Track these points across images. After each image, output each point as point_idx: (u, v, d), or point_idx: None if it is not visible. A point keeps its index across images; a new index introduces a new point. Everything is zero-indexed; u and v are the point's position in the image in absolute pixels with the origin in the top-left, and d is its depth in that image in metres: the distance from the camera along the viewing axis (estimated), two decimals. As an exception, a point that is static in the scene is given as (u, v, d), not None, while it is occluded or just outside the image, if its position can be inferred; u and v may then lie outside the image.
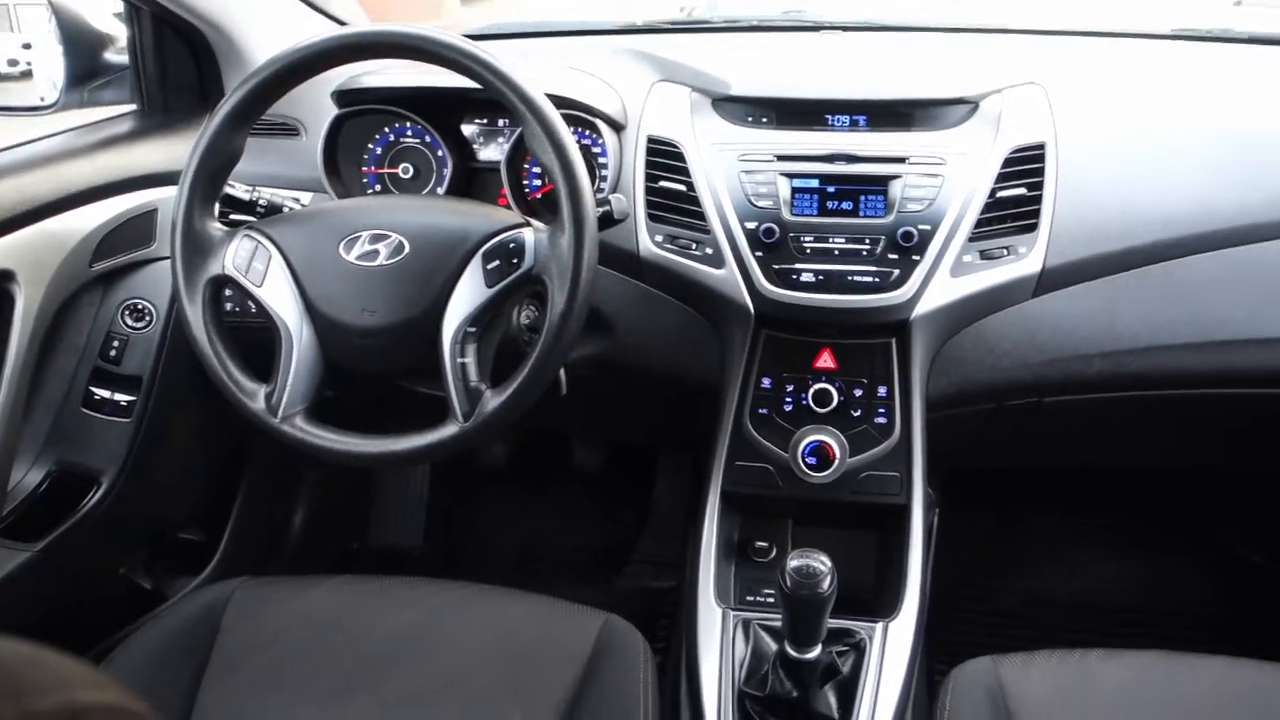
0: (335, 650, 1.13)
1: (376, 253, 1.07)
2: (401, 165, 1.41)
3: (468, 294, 1.05)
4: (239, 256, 1.09)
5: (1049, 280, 1.23)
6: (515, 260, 1.05)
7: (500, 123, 1.41)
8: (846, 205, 1.23)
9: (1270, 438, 1.42)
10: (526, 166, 1.38)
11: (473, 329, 1.05)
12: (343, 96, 1.35)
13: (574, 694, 1.07)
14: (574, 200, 1.02)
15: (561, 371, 1.23)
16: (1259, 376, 1.24)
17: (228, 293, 1.19)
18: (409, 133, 1.41)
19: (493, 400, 1.04)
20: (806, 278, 1.21)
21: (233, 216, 1.22)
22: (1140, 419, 1.34)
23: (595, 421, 1.67)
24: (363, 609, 1.18)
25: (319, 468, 1.90)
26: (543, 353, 1.03)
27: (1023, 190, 1.23)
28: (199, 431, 1.56)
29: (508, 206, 1.34)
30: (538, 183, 1.39)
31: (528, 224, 1.08)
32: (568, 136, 1.04)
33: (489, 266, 1.05)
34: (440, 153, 1.40)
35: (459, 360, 1.04)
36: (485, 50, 1.04)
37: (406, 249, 1.06)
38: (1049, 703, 1.06)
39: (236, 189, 1.23)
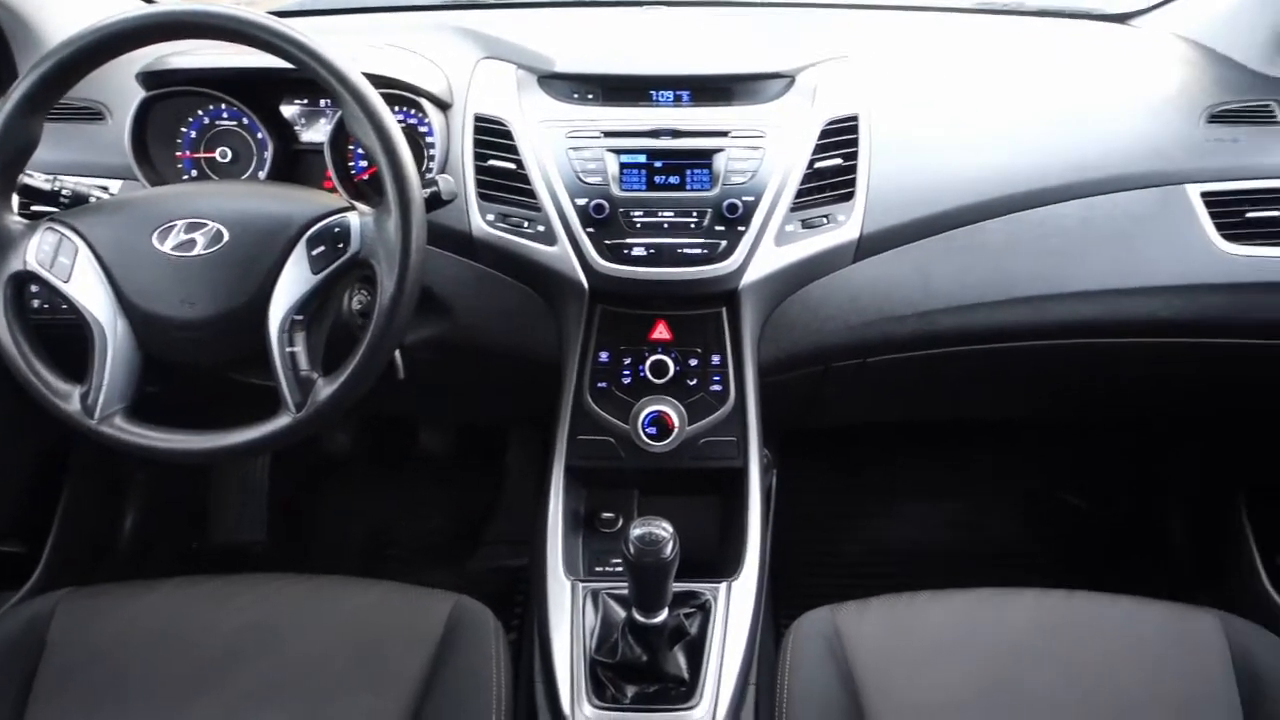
0: (172, 656, 1.09)
1: (193, 242, 1.03)
2: (219, 149, 1.35)
3: (293, 281, 1.02)
4: (42, 251, 1.03)
5: (867, 246, 1.29)
6: (341, 245, 1.03)
7: (322, 103, 1.38)
8: (674, 180, 1.26)
9: (1069, 387, 1.54)
10: (351, 148, 1.35)
11: (300, 317, 1.02)
12: (149, 78, 1.29)
13: (425, 677, 1.07)
14: (398, 182, 1.01)
15: (398, 355, 1.22)
16: (1058, 329, 1.33)
17: (34, 289, 1.12)
18: (225, 115, 1.35)
19: (325, 389, 1.03)
20: (638, 252, 1.24)
21: (34, 208, 1.15)
22: (955, 374, 1.43)
23: (438, 404, 1.66)
24: (200, 611, 1.14)
25: (150, 465, 1.81)
26: (374, 338, 1.01)
27: (839, 160, 1.28)
28: (9, 435, 1.47)
29: (333, 190, 1.31)
30: (364, 164, 1.36)
31: (353, 207, 1.06)
32: (388, 117, 1.02)
33: (314, 252, 1.02)
34: (260, 135, 1.35)
35: (288, 349, 1.02)
36: (296, 29, 1.01)
37: (226, 237, 1.03)
38: (881, 645, 1.13)
39: (35, 179, 1.15)
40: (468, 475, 2.04)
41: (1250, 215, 1.32)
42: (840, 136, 1.29)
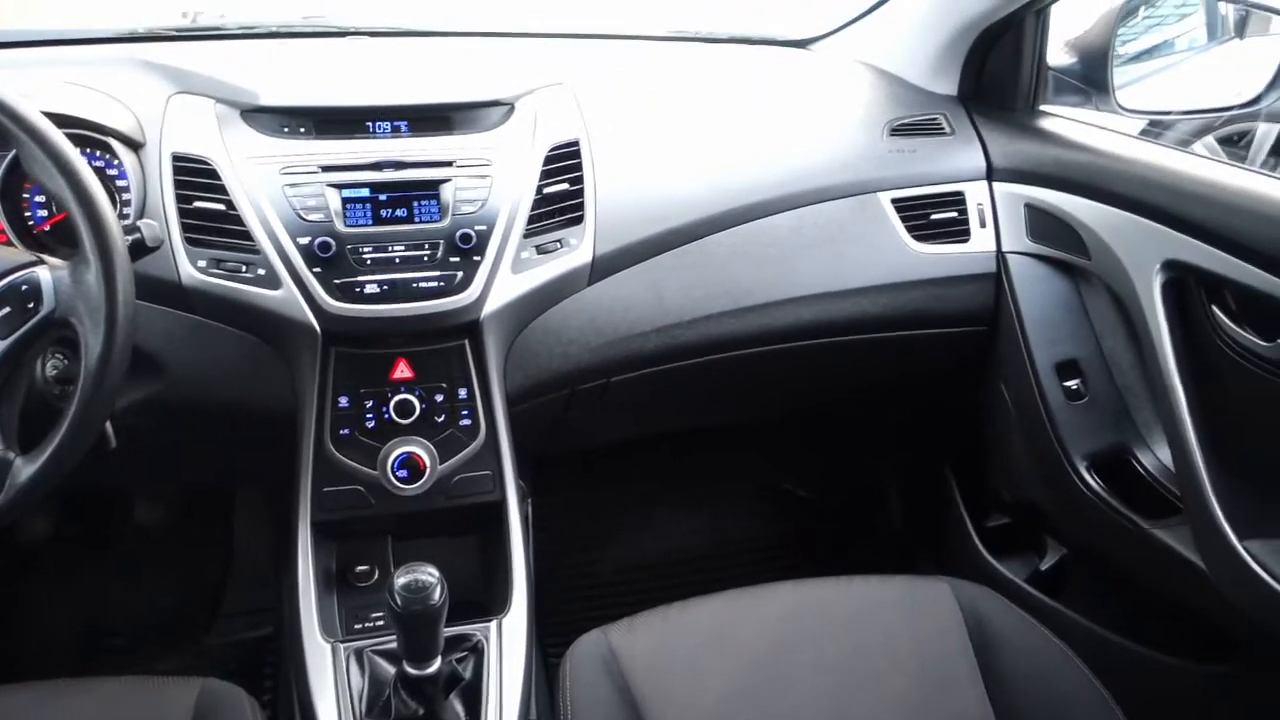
0: None
1: None
2: None
3: None
4: None
5: (601, 267, 1.31)
6: (31, 305, 0.91)
7: (-15, 149, 1.21)
8: (401, 212, 1.22)
9: (800, 385, 1.65)
10: (26, 196, 1.20)
11: None
12: None
13: None
14: (96, 228, 0.91)
15: (108, 423, 1.09)
16: (784, 333, 1.42)
17: None
18: None
19: (26, 468, 0.90)
20: (370, 289, 1.19)
21: None
22: (698, 384, 1.48)
23: (156, 472, 1.50)
24: None
25: None
26: (81, 406, 0.90)
27: (566, 185, 1.30)
28: None
29: (8, 244, 1.16)
30: (43, 213, 1.21)
31: (40, 261, 0.94)
32: (76, 157, 0.92)
33: None
34: None
35: None
36: None
37: None
38: (655, 657, 1.15)
39: None
40: (192, 546, 1.86)
41: (933, 217, 1.47)
42: (565, 162, 1.30)
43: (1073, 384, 1.46)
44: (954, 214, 1.48)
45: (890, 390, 1.73)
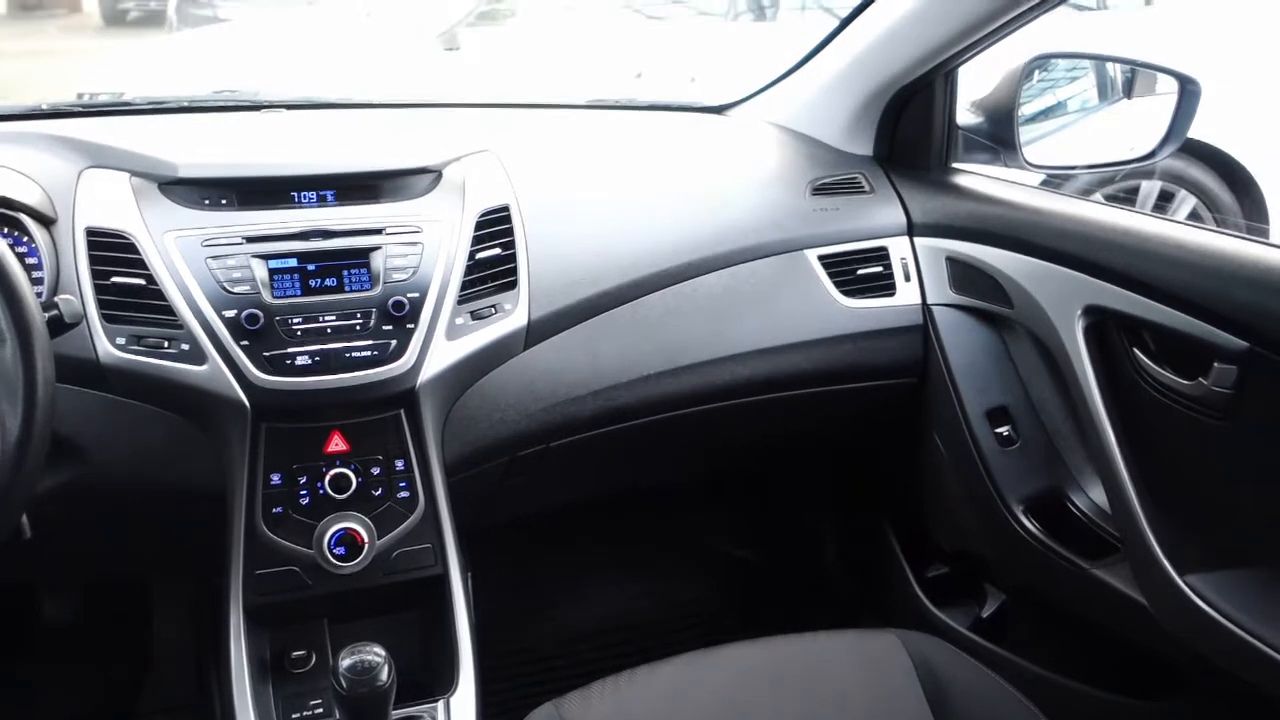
0: None
1: None
2: None
3: None
4: None
5: (536, 331, 1.30)
6: None
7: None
8: (330, 282, 1.20)
9: (738, 444, 1.65)
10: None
11: None
12: None
13: None
14: (12, 304, 0.86)
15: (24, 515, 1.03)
16: (723, 391, 1.42)
17: None
18: None
19: None
20: (301, 360, 1.15)
21: None
22: (638, 447, 1.47)
23: (74, 564, 1.42)
24: None
25: None
26: None
27: (498, 250, 1.29)
28: None
29: None
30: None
31: None
32: None
33: None
34: None
35: None
36: None
37: None
38: None
39: None
40: (103, 643, 1.75)
41: (860, 272, 1.50)
42: (495, 227, 1.30)
43: (1004, 430, 1.49)
44: (879, 269, 1.52)
45: (826, 444, 1.74)
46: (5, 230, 1.14)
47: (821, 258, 1.49)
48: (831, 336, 1.47)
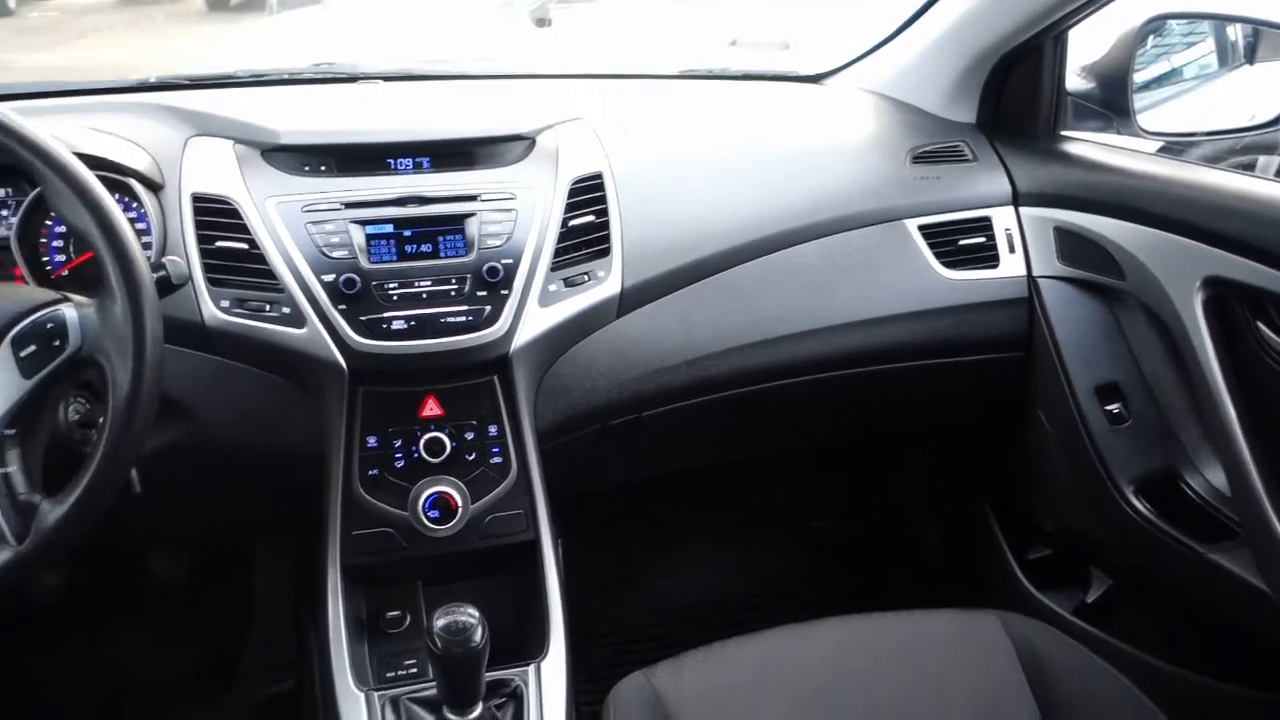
0: None
1: None
2: None
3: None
4: None
5: (629, 299, 1.29)
6: (57, 342, 0.88)
7: (2, 192, 1.20)
8: (426, 248, 1.20)
9: (831, 418, 1.61)
10: (44, 240, 1.18)
11: (11, 431, 0.87)
12: None
13: None
14: (123, 262, 0.88)
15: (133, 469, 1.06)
16: (816, 363, 1.39)
17: None
18: None
19: (52, 512, 0.87)
20: (397, 325, 1.16)
21: None
22: (729, 418, 1.45)
23: (176, 523, 1.46)
24: None
25: None
26: (110, 447, 0.87)
27: (591, 218, 1.28)
28: None
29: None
30: (62, 257, 1.19)
31: (65, 299, 0.91)
32: (103, 193, 0.90)
33: (23, 354, 0.87)
34: None
35: None
36: None
37: None
38: (703, 699, 1.10)
39: None
40: (210, 601, 1.81)
41: (961, 243, 1.45)
42: (588, 194, 1.29)
43: (1114, 407, 1.42)
44: (982, 239, 1.46)
45: (924, 420, 1.70)
46: (116, 196, 1.17)
47: (921, 228, 1.44)
48: (931, 309, 1.42)
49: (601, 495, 1.76)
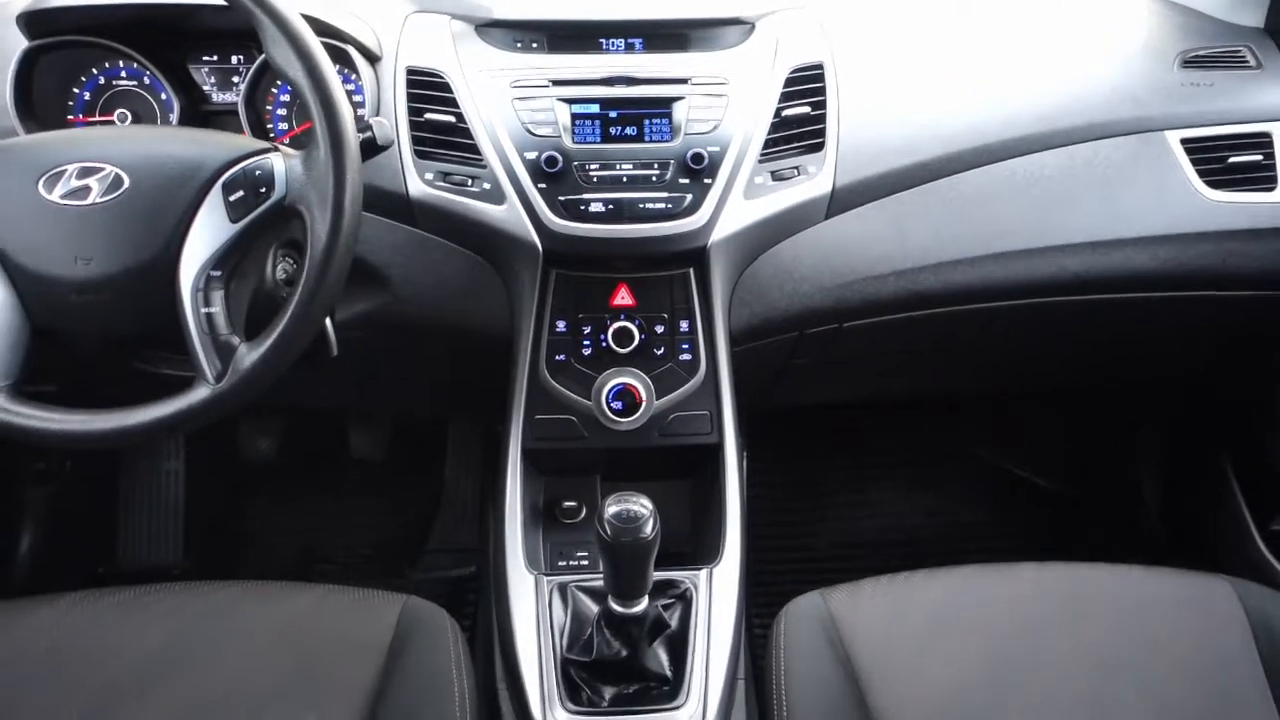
0: (76, 677, 0.94)
1: (87, 189, 0.89)
2: (118, 112, 1.21)
3: (208, 232, 0.89)
4: None
5: (840, 199, 1.20)
6: (264, 190, 0.90)
7: (234, 59, 1.24)
8: (630, 130, 1.16)
9: (1051, 350, 1.47)
10: (269, 108, 1.22)
11: (217, 273, 0.89)
12: (31, 22, 1.12)
13: (377, 685, 0.94)
14: (329, 115, 0.89)
15: (330, 329, 1.08)
16: (1042, 285, 1.26)
17: None
18: (124, 73, 1.20)
19: (249, 355, 0.89)
20: (595, 208, 1.13)
21: None
22: (936, 340, 1.35)
23: (373, 391, 1.51)
24: (108, 625, 0.99)
25: (48, 482, 1.63)
26: (306, 292, 0.88)
27: (807, 109, 1.20)
28: None
29: None
30: (284, 126, 1.23)
31: (275, 149, 0.93)
32: (316, 45, 0.90)
33: (231, 198, 0.90)
34: (164, 96, 1.21)
35: (203, 310, 0.88)
36: None
37: (126, 183, 0.89)
38: (881, 628, 1.04)
39: None
40: (404, 479, 1.89)
41: (1232, 160, 1.27)
42: (807, 85, 1.20)
43: None
44: (1258, 157, 1.27)
45: (1162, 361, 1.52)
46: (337, 66, 1.18)
47: (1185, 141, 1.26)
48: (1187, 233, 1.25)
49: (792, 415, 1.69)
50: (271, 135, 1.22)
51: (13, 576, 1.59)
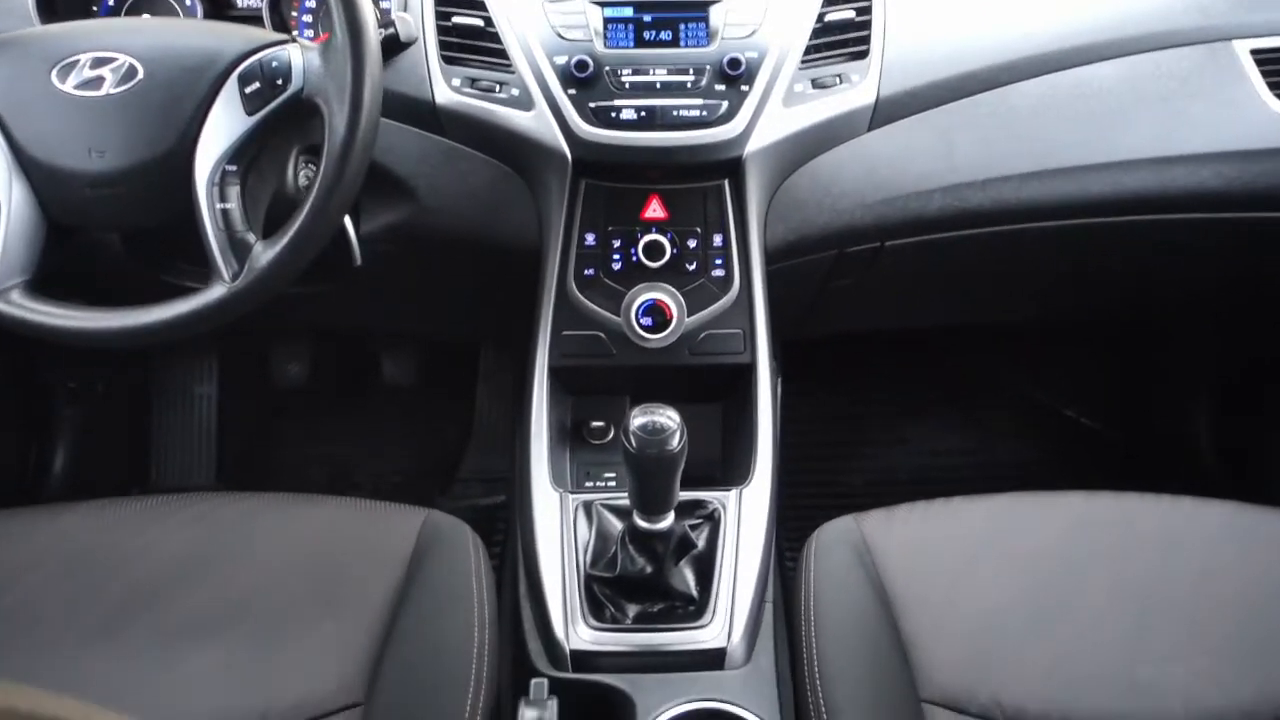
0: (98, 580, 0.93)
1: (100, 80, 0.86)
2: (142, 15, 1.18)
3: (223, 125, 0.87)
4: None
5: (884, 110, 1.15)
6: (280, 81, 0.87)
7: (260, -38, 1.20)
8: (665, 35, 1.11)
9: (1105, 274, 1.41)
10: (295, 14, 1.19)
11: (233, 167, 0.87)
12: None
13: (396, 596, 0.93)
14: (349, 6, 0.85)
15: (354, 238, 1.06)
16: (1097, 204, 1.20)
17: None
18: None
19: (266, 252, 0.87)
20: (627, 115, 1.08)
21: None
22: (982, 261, 1.29)
23: (400, 310, 1.49)
24: (132, 531, 0.98)
25: (80, 401, 1.63)
26: (323, 188, 0.85)
27: (851, 14, 1.14)
28: None
29: None
30: (310, 33, 1.19)
31: (293, 40, 0.90)
32: None
33: (247, 90, 0.87)
34: (189, 1, 1.18)
35: (218, 206, 0.86)
36: None
37: (140, 74, 0.87)
38: (915, 553, 1.01)
39: None
40: (436, 406, 1.87)
41: (1306, 72, 1.19)
42: None
43: None
44: None
45: (1221, 287, 1.45)
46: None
47: (1256, 51, 1.19)
48: (1255, 150, 1.18)
49: (829, 347, 1.64)
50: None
51: (48, 491, 1.60)
